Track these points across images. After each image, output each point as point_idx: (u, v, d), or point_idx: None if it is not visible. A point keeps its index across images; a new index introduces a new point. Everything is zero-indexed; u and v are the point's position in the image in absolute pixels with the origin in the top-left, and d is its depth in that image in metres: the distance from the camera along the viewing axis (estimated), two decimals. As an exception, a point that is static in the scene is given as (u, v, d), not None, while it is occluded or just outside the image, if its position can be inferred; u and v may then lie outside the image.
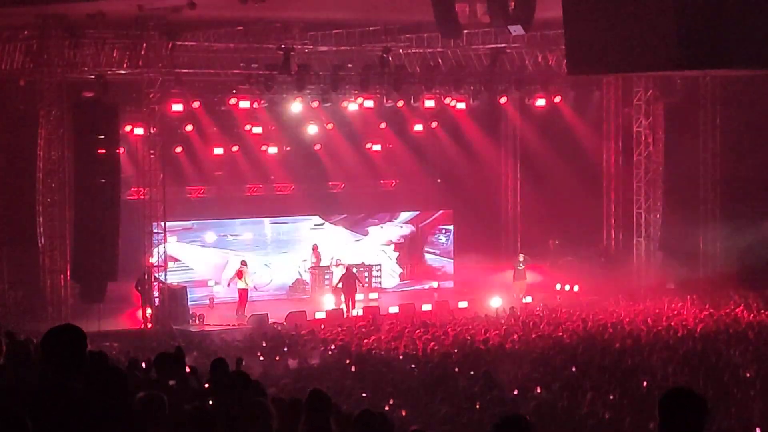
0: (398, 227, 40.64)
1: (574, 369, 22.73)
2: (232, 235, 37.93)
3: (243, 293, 34.63)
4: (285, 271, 38.03)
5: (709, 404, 6.49)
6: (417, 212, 41.01)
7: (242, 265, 35.11)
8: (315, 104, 35.87)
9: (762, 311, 31.56)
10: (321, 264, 37.63)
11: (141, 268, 32.74)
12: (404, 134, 40.02)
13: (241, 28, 32.35)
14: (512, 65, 36.42)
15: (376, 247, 39.78)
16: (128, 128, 33.70)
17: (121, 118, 32.64)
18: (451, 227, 41.15)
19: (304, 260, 37.67)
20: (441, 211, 41.20)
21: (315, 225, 39.06)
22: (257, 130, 37.10)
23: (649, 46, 19.72)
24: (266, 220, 38.67)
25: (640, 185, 38.71)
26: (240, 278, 34.89)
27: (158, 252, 32.78)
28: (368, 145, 40.34)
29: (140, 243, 32.73)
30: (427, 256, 41.05)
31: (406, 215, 40.85)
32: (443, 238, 41.27)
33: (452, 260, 40.97)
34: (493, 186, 42.36)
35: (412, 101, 36.98)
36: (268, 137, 37.77)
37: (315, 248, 37.74)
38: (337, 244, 38.87)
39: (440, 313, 33.29)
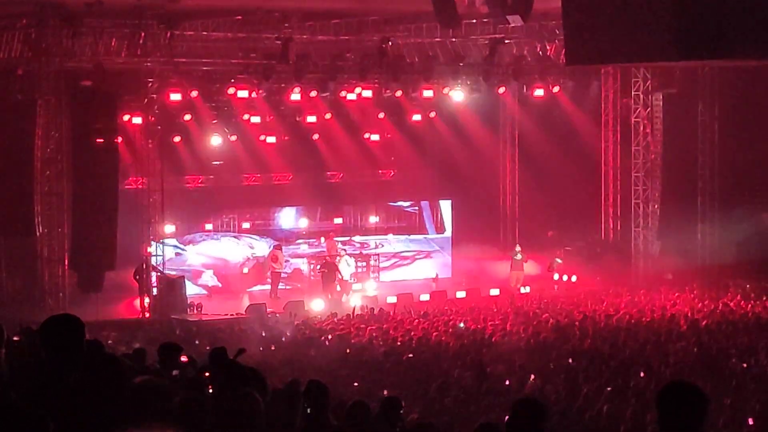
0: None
1: (571, 360, 22.73)
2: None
3: (276, 276, 35.68)
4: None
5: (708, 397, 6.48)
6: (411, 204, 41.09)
7: (276, 249, 35.94)
8: (313, 94, 35.85)
9: (760, 302, 31.58)
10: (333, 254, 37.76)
11: (139, 258, 32.77)
12: (403, 124, 40.00)
13: (239, 17, 32.32)
14: (511, 55, 36.41)
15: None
16: (126, 117, 33.68)
17: (119, 107, 32.65)
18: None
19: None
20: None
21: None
22: (255, 119, 37.09)
23: (648, 36, 19.69)
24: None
25: (639, 175, 38.71)
26: (275, 262, 35.62)
27: (155, 240, 32.86)
28: (366, 135, 40.34)
29: (138, 232, 32.74)
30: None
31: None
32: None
33: (450, 253, 40.88)
34: (492, 176, 42.34)
35: (410, 91, 36.96)
36: (267, 127, 37.75)
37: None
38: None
39: (438, 303, 33.31)
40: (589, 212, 40.31)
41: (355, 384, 20.04)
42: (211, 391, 9.84)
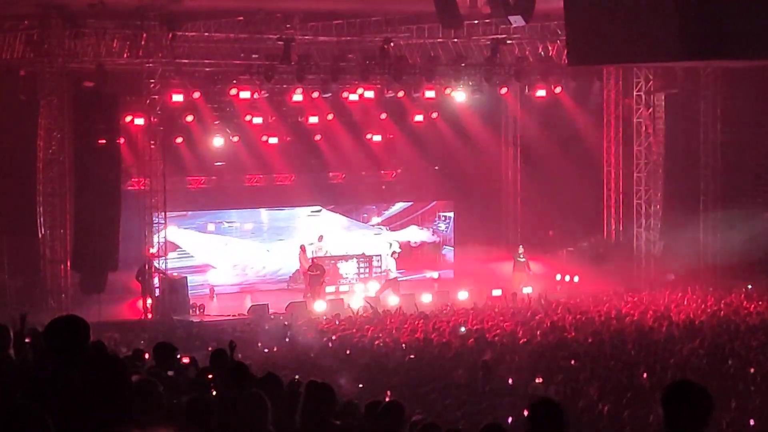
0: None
1: (573, 362, 22.72)
2: (227, 222, 37.97)
3: (305, 276, 36.26)
4: (283, 259, 38.03)
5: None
6: (410, 203, 41.00)
7: (300, 251, 36.67)
8: (315, 94, 35.85)
9: (762, 302, 31.54)
10: (326, 254, 37.69)
11: (141, 259, 32.77)
12: (405, 125, 40.00)
13: (241, 18, 32.32)
14: (512, 56, 36.41)
15: (382, 240, 39.75)
16: (128, 118, 33.67)
17: (121, 108, 32.65)
18: (450, 214, 41.17)
19: (313, 250, 37.56)
20: (434, 202, 41.24)
21: (312, 211, 39.08)
22: (257, 120, 37.08)
23: (650, 36, 19.70)
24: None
25: (641, 176, 38.69)
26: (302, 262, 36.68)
27: (158, 241, 32.87)
28: (368, 136, 40.31)
29: (140, 233, 32.74)
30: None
31: (400, 204, 40.89)
32: (443, 226, 41.27)
33: (453, 248, 40.98)
34: (494, 176, 42.33)
35: (412, 92, 36.95)
36: (269, 128, 37.75)
37: (320, 239, 37.73)
38: (337, 231, 38.95)
39: (440, 304, 33.30)
40: (592, 213, 40.27)
41: (360, 386, 20.05)
42: (215, 392, 9.85)
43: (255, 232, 38.20)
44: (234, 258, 37.49)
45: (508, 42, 35.50)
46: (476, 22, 32.88)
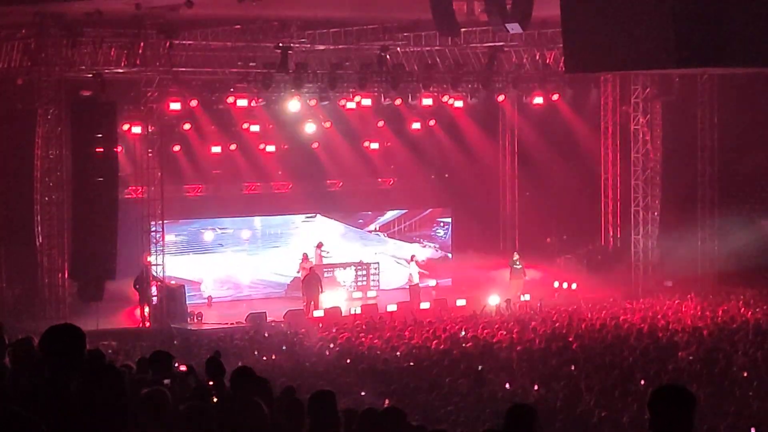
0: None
1: (573, 368, 22.72)
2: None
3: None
4: (279, 266, 37.99)
5: (705, 403, 6.53)
6: (405, 210, 41.05)
7: (303, 259, 36.33)
8: (313, 102, 35.86)
9: (759, 309, 31.55)
10: (323, 262, 37.68)
11: (139, 267, 32.75)
12: (402, 132, 40.01)
13: (238, 26, 32.36)
14: (510, 63, 36.46)
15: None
16: (126, 127, 33.65)
17: (119, 116, 32.64)
18: (449, 219, 41.22)
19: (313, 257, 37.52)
20: (429, 210, 41.30)
21: (307, 217, 39.08)
22: (255, 128, 37.10)
23: (647, 44, 19.72)
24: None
25: (638, 183, 38.73)
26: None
27: (156, 250, 32.83)
28: (366, 144, 40.33)
29: (138, 241, 32.73)
30: (425, 250, 41.09)
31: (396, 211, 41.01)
32: (441, 232, 41.28)
33: (451, 254, 40.98)
34: (491, 184, 42.34)
35: (410, 99, 36.98)
36: (266, 136, 37.77)
37: (319, 246, 37.70)
38: (333, 238, 38.96)
39: (438, 311, 33.29)
40: (589, 220, 40.31)
41: (362, 393, 20.05)
42: (215, 400, 9.86)
43: (250, 240, 38.19)
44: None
45: (506, 49, 35.56)
46: (473, 29, 32.90)
